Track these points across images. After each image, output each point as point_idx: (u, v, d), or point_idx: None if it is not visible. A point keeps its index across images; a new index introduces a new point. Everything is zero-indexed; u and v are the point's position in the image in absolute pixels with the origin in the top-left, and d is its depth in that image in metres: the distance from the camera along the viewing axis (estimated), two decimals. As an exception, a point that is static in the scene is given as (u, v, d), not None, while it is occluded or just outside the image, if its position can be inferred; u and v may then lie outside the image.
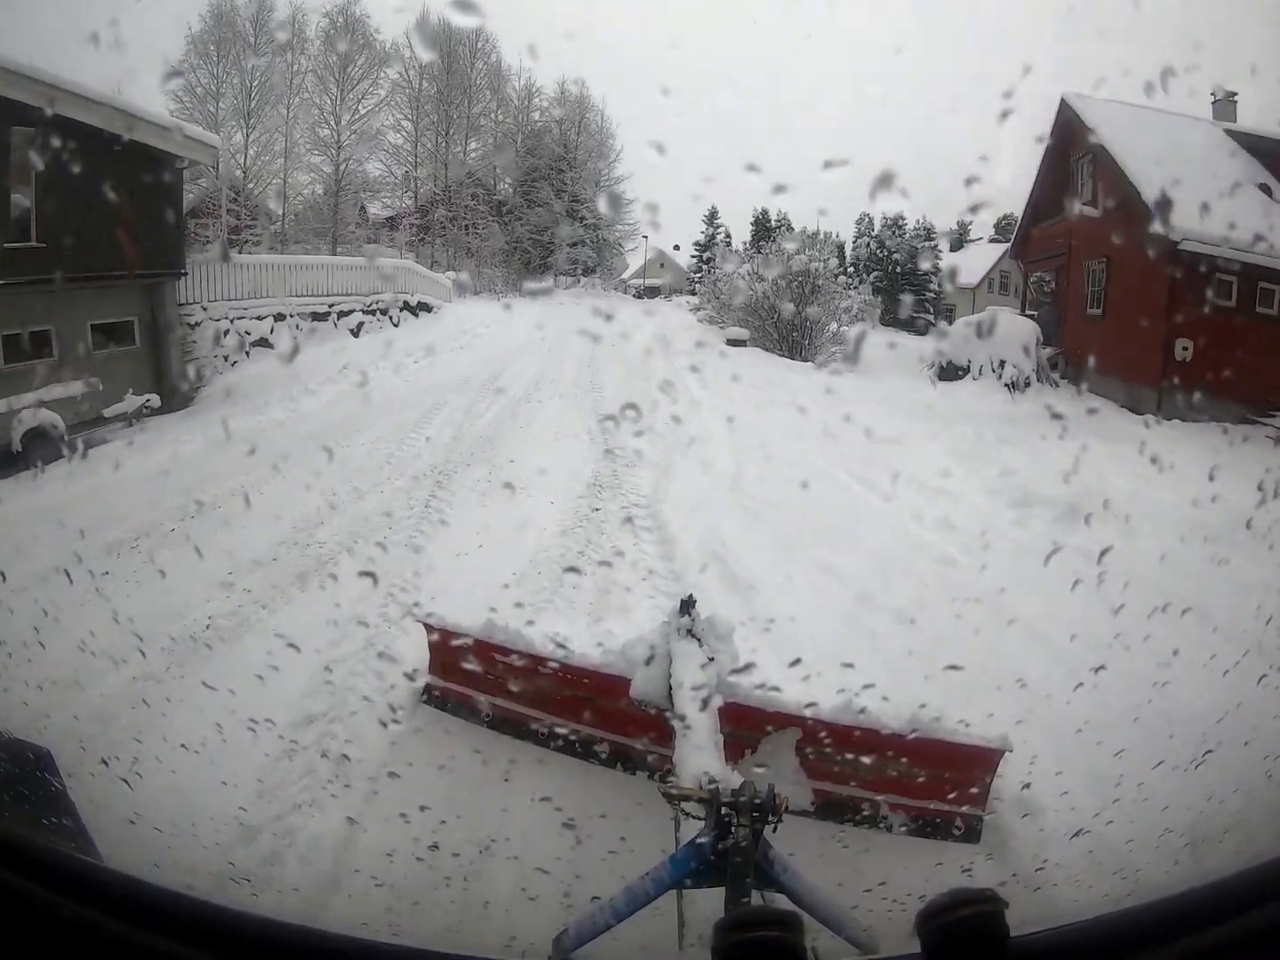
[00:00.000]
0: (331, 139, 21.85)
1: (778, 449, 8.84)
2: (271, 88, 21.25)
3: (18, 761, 1.70)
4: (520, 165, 24.66)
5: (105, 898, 0.90)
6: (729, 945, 0.94)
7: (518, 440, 9.47)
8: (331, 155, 22.11)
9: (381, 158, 23.01)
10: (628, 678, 3.26)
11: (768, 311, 17.36)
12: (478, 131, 24.81)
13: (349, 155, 21.92)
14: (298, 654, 3.96)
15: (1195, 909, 0.90)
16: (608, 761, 3.49)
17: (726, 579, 5.63)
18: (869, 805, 3.22)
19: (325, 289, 15.65)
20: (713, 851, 1.93)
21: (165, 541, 6.01)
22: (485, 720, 3.70)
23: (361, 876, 2.76)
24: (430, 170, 24.10)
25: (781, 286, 17.35)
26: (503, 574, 5.39)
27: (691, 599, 3.45)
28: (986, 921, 0.86)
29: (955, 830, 3.21)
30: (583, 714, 3.45)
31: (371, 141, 22.43)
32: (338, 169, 22.17)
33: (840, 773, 3.22)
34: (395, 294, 17.04)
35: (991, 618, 4.98)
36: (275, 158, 21.63)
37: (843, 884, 2.75)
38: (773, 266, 17.30)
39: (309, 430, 9.62)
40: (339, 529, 6.46)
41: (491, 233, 23.84)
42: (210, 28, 20.49)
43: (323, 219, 22.32)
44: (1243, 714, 3.71)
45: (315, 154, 22.05)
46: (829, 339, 17.55)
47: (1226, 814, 2.95)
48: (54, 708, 3.67)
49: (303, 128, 21.69)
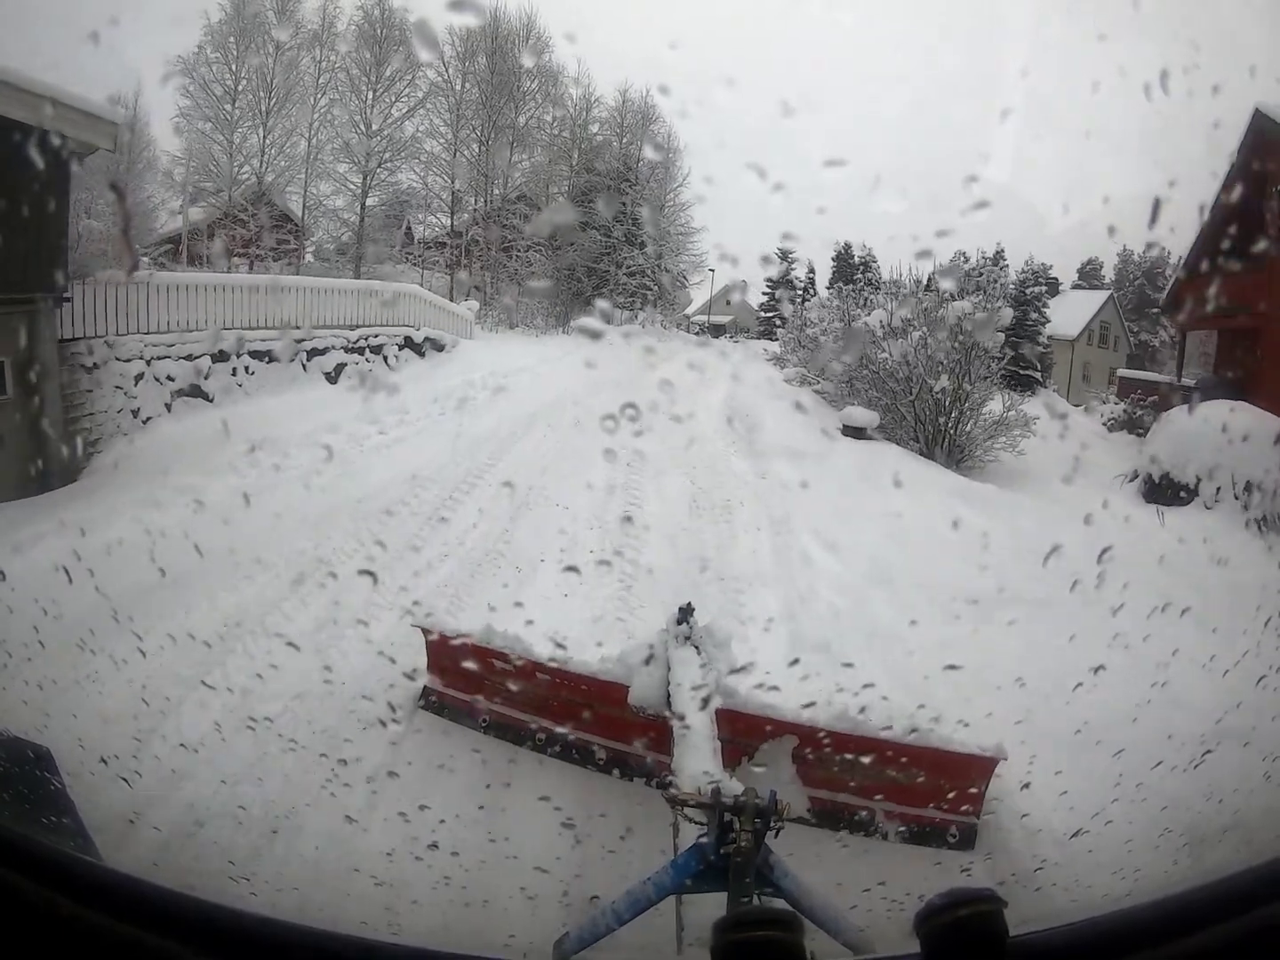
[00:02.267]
0: (361, 146, 19.56)
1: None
2: (295, 84, 19.06)
3: (17, 760, 1.70)
4: (575, 182, 22.42)
5: (104, 897, 0.90)
6: (727, 944, 0.94)
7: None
8: (360, 162, 19.66)
9: (415, 168, 20.57)
10: (625, 684, 3.27)
11: (901, 384, 11.40)
12: (525, 143, 21.78)
13: (380, 164, 19.72)
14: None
15: (1195, 908, 0.90)
16: (605, 767, 3.49)
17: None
18: (865, 812, 3.24)
19: (292, 319, 12.12)
20: (715, 855, 1.94)
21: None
22: (483, 725, 3.69)
23: (361, 875, 2.75)
24: (469, 183, 21.36)
25: (928, 348, 11.14)
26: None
27: (690, 606, 3.47)
28: (986, 921, 0.86)
29: (950, 837, 3.23)
30: (580, 719, 3.43)
31: (404, 150, 20.14)
32: (365, 179, 19.80)
33: (837, 779, 3.23)
34: (399, 327, 13.75)
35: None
36: (295, 164, 19.39)
37: (842, 884, 2.76)
38: (907, 310, 11.52)
39: (216, 545, 5.45)
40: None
41: (535, 258, 21.04)
42: (230, 18, 18.40)
43: (370, 238, 20.05)
44: (1242, 714, 3.72)
45: (342, 161, 19.69)
46: (986, 428, 11.62)
47: (1225, 814, 2.96)
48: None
49: (329, 132, 19.47)
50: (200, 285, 10.82)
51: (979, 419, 11.49)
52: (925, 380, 11.09)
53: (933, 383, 10.92)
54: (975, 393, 11.21)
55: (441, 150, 20.87)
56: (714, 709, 2.91)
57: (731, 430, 10.83)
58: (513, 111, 21.12)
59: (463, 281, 20.43)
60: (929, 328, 10.93)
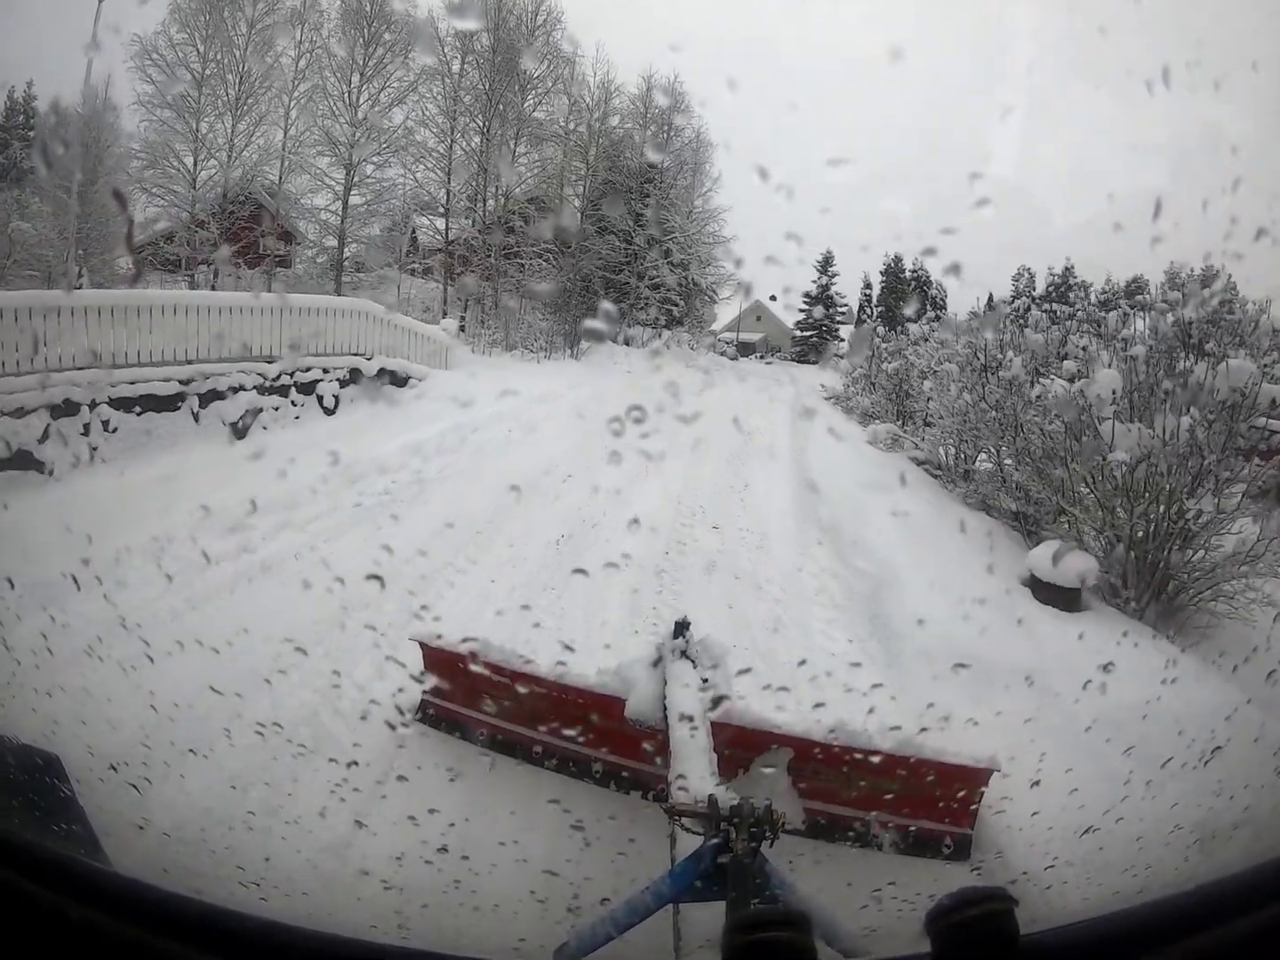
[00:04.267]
0: (344, 134, 16.77)
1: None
2: (273, 68, 16.51)
3: (27, 767, 1.70)
4: (592, 180, 19.53)
5: (114, 902, 0.90)
6: (738, 946, 0.93)
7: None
8: (342, 154, 16.85)
9: (406, 162, 17.69)
10: (623, 698, 3.27)
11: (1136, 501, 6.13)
12: (534, 137, 18.80)
13: (364, 158, 16.97)
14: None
15: (1206, 906, 0.89)
16: (602, 780, 3.49)
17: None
18: (860, 824, 3.24)
19: (187, 351, 8.63)
20: (712, 865, 1.95)
21: None
22: (480, 739, 3.68)
23: (371, 879, 2.76)
24: (467, 180, 18.39)
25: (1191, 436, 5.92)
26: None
27: (686, 621, 3.49)
28: (997, 920, 0.86)
29: (945, 848, 3.24)
30: (577, 732, 3.44)
31: (392, 144, 17.31)
32: (349, 173, 16.98)
33: (831, 792, 3.24)
34: (344, 357, 10.39)
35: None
36: (270, 157, 16.76)
37: (852, 884, 2.76)
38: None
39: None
40: None
41: (540, 265, 18.00)
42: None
43: (356, 238, 17.35)
44: (1252, 710, 3.70)
45: (324, 154, 16.94)
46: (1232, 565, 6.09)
47: (1236, 810, 2.94)
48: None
49: (309, 119, 16.78)
50: (45, 308, 7.53)
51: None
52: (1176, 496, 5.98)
53: (1191, 504, 5.95)
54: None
55: (436, 143, 17.92)
56: (710, 722, 2.93)
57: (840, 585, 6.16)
58: (517, 96, 18.18)
59: (456, 293, 17.78)
60: (1189, 403, 5.91)
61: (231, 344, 8.95)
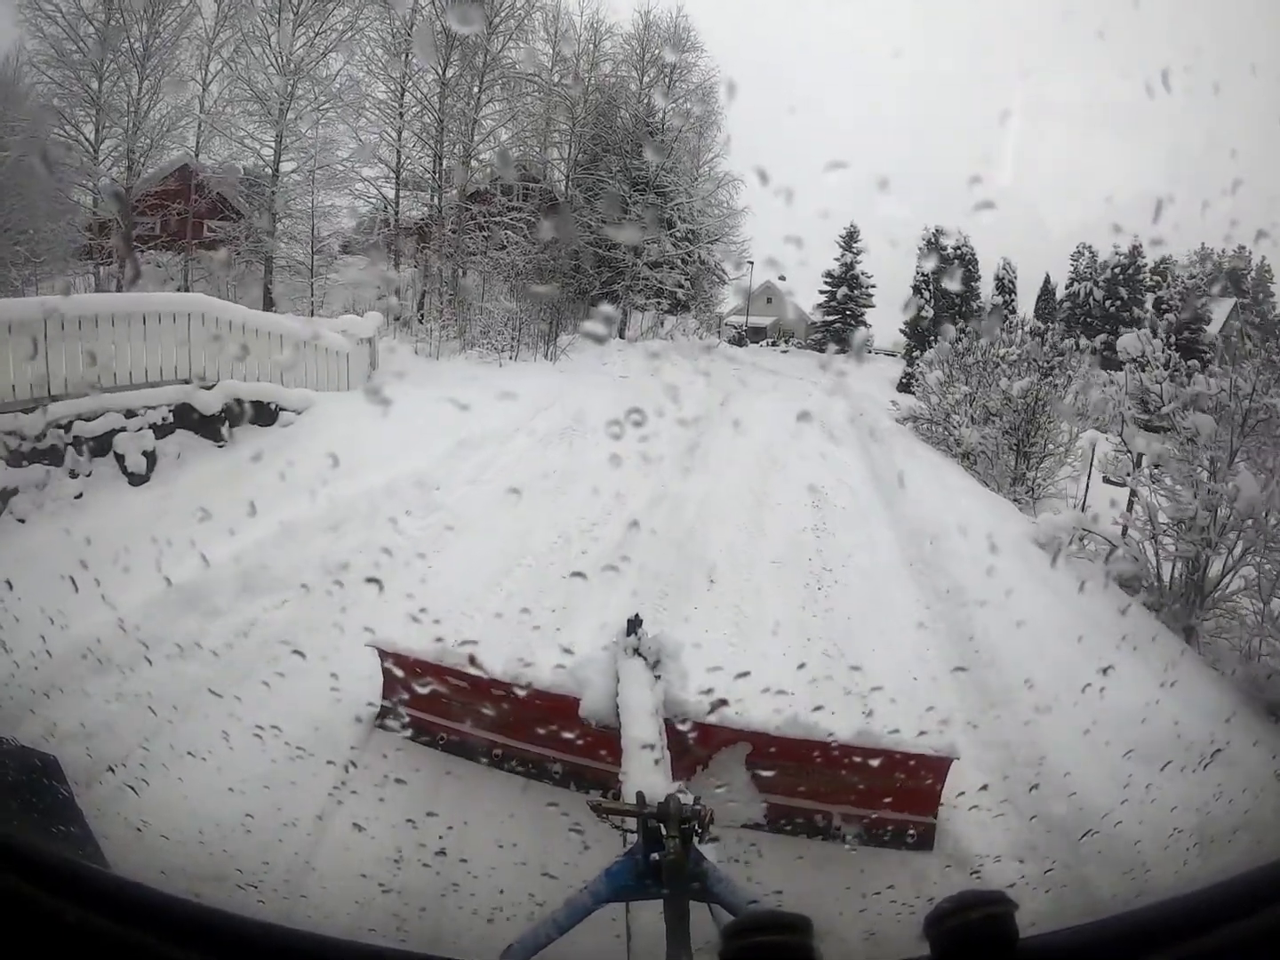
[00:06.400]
0: (273, 88, 13.64)
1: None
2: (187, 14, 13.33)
3: (25, 769, 1.70)
4: (580, 141, 16.35)
5: (112, 904, 0.90)
6: (737, 950, 0.93)
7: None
8: (273, 112, 13.63)
9: (350, 119, 14.30)
10: (577, 697, 3.27)
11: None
12: (506, 86, 15.28)
13: (301, 112, 13.71)
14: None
15: (1206, 909, 0.89)
16: (562, 781, 3.48)
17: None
18: (821, 817, 3.24)
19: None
20: (645, 863, 1.94)
21: None
22: (440, 744, 3.67)
23: (369, 882, 2.75)
24: (419, 138, 14.94)
25: None
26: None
27: (638, 618, 3.49)
28: (996, 923, 0.86)
29: (909, 839, 3.24)
30: (534, 734, 3.43)
31: (324, 88, 13.90)
32: (279, 138, 13.82)
33: (791, 785, 3.24)
34: (171, 385, 6.76)
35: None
36: (186, 118, 13.65)
37: (850, 887, 2.76)
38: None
39: None
40: None
41: (512, 237, 14.79)
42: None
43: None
44: (1250, 714, 3.70)
45: (251, 113, 13.82)
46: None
47: (1235, 813, 2.95)
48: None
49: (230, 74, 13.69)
50: None
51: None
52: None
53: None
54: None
55: (388, 96, 14.50)
56: (663, 719, 2.93)
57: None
58: (483, 32, 14.55)
59: (394, 279, 14.35)
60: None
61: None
